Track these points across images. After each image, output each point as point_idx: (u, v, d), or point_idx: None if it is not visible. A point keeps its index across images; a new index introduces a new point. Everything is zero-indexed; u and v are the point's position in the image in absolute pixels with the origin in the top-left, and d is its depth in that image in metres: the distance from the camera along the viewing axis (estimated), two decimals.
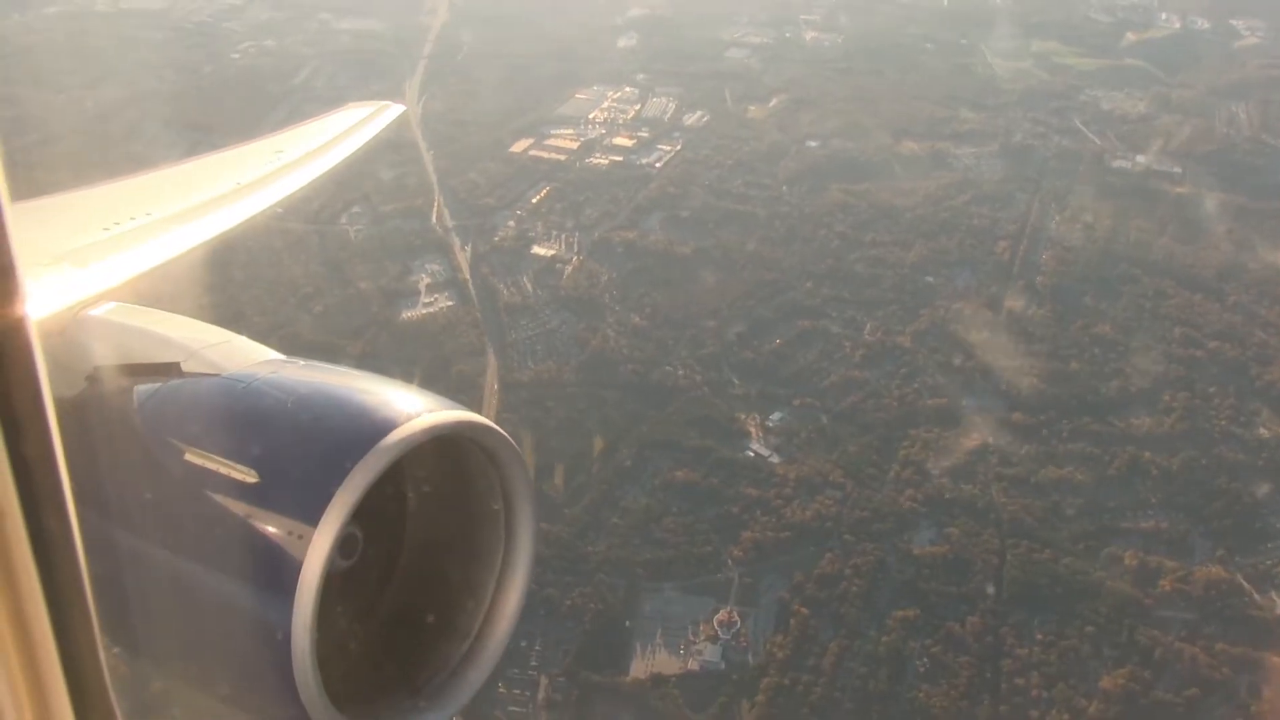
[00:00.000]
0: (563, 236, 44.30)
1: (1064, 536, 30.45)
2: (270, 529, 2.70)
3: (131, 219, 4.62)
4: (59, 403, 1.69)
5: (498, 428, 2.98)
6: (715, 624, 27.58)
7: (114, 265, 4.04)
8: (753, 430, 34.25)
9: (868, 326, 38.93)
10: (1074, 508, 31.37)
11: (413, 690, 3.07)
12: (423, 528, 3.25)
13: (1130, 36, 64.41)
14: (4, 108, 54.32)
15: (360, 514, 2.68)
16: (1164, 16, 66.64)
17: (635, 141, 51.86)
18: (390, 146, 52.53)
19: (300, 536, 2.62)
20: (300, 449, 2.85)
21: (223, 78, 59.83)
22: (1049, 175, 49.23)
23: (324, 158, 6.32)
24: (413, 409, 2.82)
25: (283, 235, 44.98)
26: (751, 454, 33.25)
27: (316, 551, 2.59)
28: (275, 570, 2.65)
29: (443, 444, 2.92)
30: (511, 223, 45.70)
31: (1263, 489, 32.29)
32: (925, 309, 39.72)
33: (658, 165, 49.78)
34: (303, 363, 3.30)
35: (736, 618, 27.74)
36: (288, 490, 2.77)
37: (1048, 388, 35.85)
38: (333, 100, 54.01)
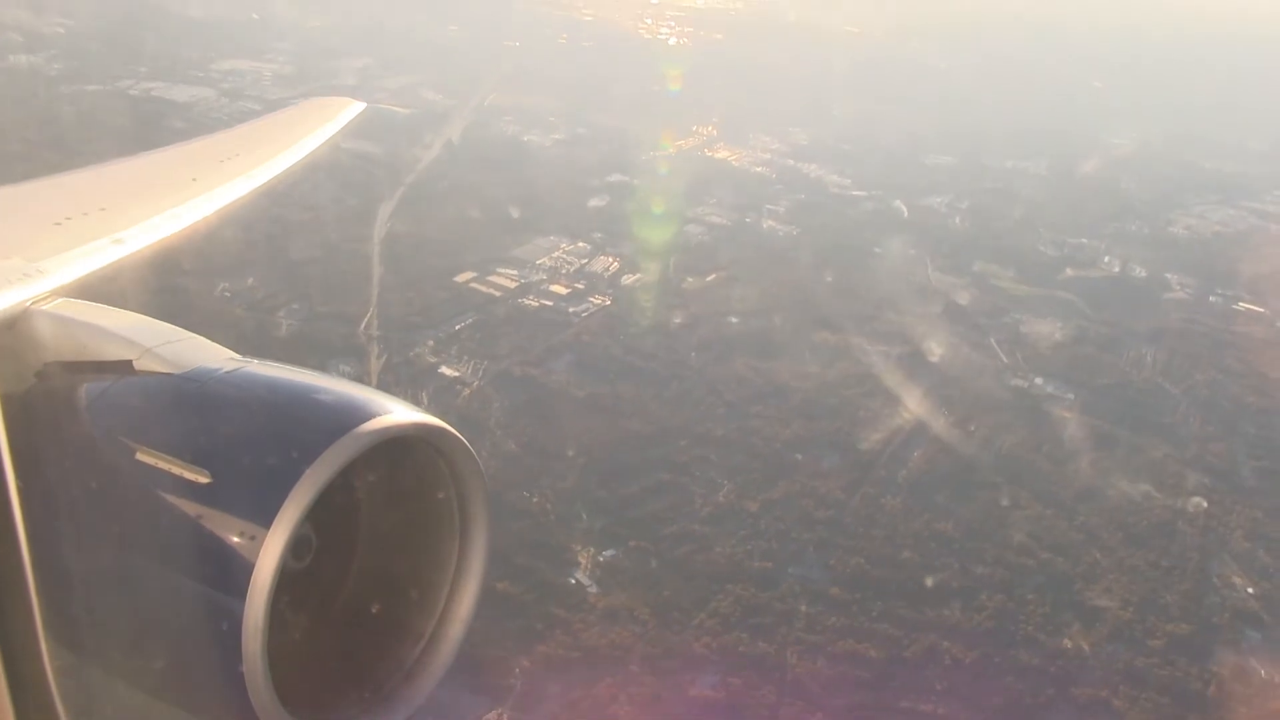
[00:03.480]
0: (471, 362, 49.12)
1: (840, 704, 33.31)
2: (222, 530, 2.73)
3: (84, 213, 4.60)
4: (6, 399, 1.97)
5: (454, 431, 3.12)
6: None
7: (66, 260, 4.02)
8: (583, 561, 37.79)
9: (724, 489, 42.82)
10: (859, 681, 34.33)
11: (366, 693, 3.15)
12: (377, 529, 3.34)
13: (1069, 271, 70.46)
14: (16, 165, 60.97)
15: (314, 515, 2.76)
16: (1107, 259, 72.85)
17: (569, 290, 57.50)
18: (346, 255, 58.84)
19: (253, 538, 2.68)
20: (254, 450, 2.89)
21: None
22: (947, 383, 53.86)
23: (282, 155, 6.41)
24: (368, 411, 2.93)
25: (220, 316, 50.17)
26: (573, 581, 36.70)
27: (269, 553, 2.65)
28: (227, 572, 2.70)
29: (398, 446, 3.02)
30: (430, 342, 50.71)
31: (1047, 692, 35.14)
32: (783, 481, 43.64)
33: (583, 315, 55.15)
34: (258, 363, 3.36)
35: None
36: (241, 491, 2.80)
37: (873, 570, 39.29)
38: (320, 206, 60.31)
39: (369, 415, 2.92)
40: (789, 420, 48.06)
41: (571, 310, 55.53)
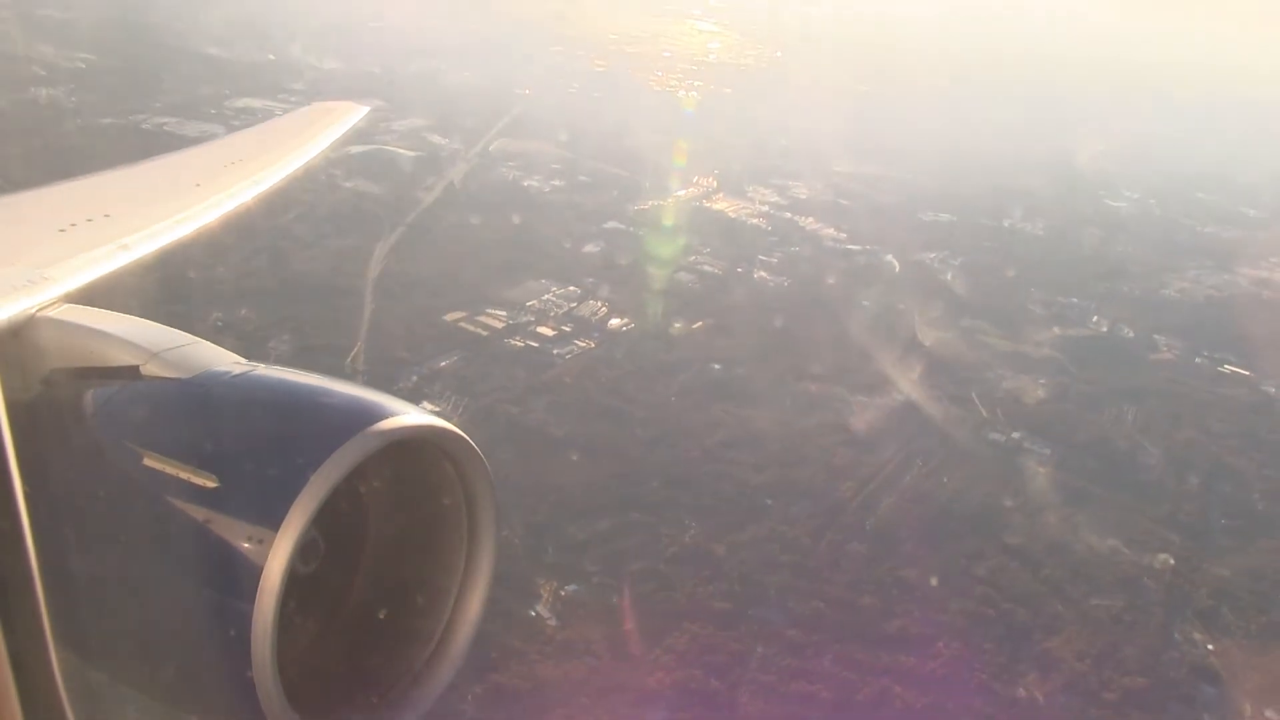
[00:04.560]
0: (452, 399, 50.55)
1: None
2: (230, 534, 2.79)
3: (89, 219, 4.63)
4: (13, 406, 1.92)
5: (461, 433, 3.19)
6: None
7: (71, 266, 4.04)
8: (545, 595, 38.84)
9: (692, 530, 43.90)
10: None
11: (375, 696, 3.20)
12: (385, 532, 3.39)
13: (1056, 330, 71.78)
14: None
15: (322, 519, 2.82)
16: (1095, 319, 74.16)
17: (556, 333, 59.10)
18: (341, 292, 60.66)
19: (261, 542, 2.75)
20: (261, 453, 2.95)
21: None
22: (925, 435, 54.99)
23: (286, 159, 6.42)
24: (375, 414, 3.00)
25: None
26: (534, 614, 37.73)
27: (277, 557, 2.73)
28: (235, 576, 2.76)
29: (406, 449, 3.09)
30: (415, 378, 52.24)
31: None
32: (752, 525, 44.70)
33: (566, 357, 56.67)
34: (265, 368, 3.44)
35: None
36: (248, 495, 2.85)
37: (831, 613, 40.18)
38: (319, 242, 62.28)
39: (377, 418, 2.99)
40: (763, 466, 49.19)
41: (556, 352, 57.05)
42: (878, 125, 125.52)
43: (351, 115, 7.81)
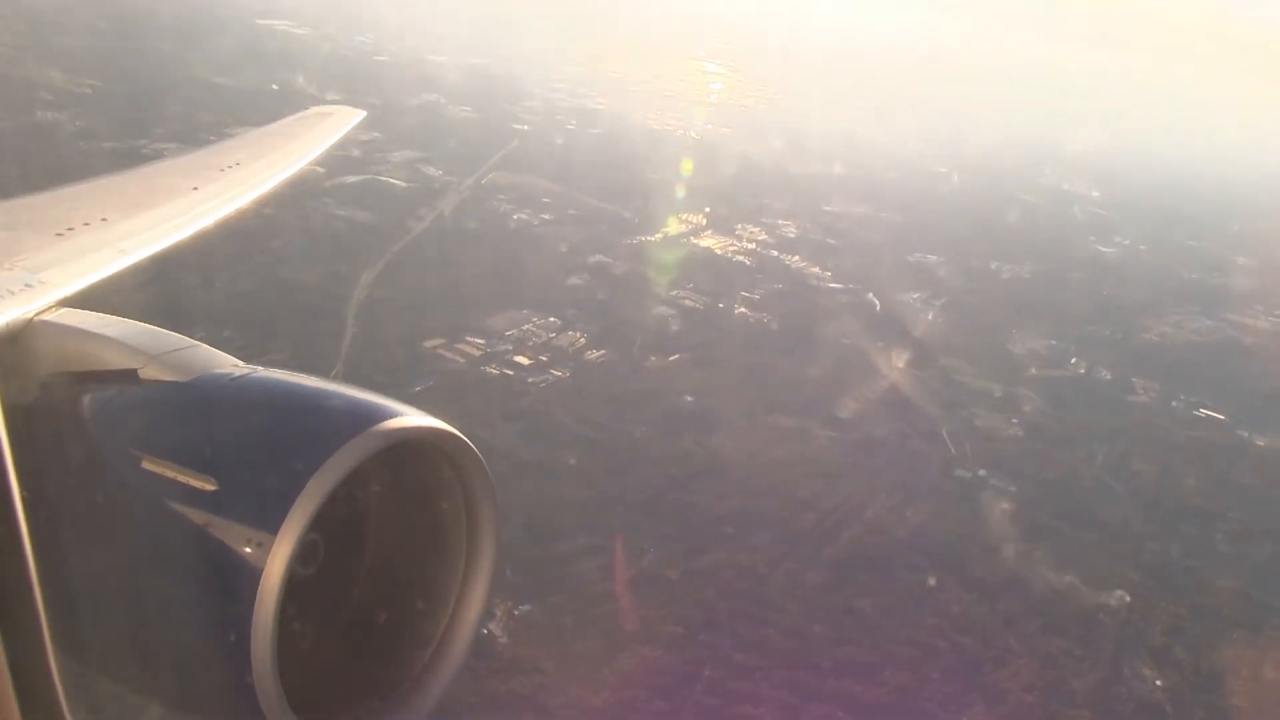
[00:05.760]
0: None
1: None
2: (229, 538, 2.80)
3: (86, 224, 4.68)
4: (11, 410, 1.96)
5: (460, 434, 3.28)
6: None
7: (69, 271, 4.11)
8: (499, 613, 39.83)
9: (649, 556, 44.96)
10: None
11: (376, 699, 3.23)
12: (385, 534, 3.44)
13: (1034, 370, 73.02)
14: None
15: (321, 521, 2.84)
16: (1073, 361, 75.38)
17: (532, 362, 60.48)
18: (324, 316, 62.17)
19: (260, 545, 2.77)
20: (260, 456, 2.98)
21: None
22: (890, 470, 56.05)
23: (284, 163, 6.45)
24: (374, 416, 3.04)
25: None
26: (486, 631, 38.74)
27: (277, 560, 2.74)
28: (235, 579, 2.77)
29: (406, 451, 3.14)
30: None
31: None
32: (710, 554, 45.73)
33: (541, 385, 58.01)
34: (263, 370, 3.50)
35: None
36: (247, 498, 2.87)
37: (781, 640, 41.10)
38: (307, 268, 63.74)
39: (377, 419, 3.03)
40: (726, 495, 50.28)
41: (531, 380, 58.39)
42: (873, 166, 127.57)
43: (349, 120, 8.07)
